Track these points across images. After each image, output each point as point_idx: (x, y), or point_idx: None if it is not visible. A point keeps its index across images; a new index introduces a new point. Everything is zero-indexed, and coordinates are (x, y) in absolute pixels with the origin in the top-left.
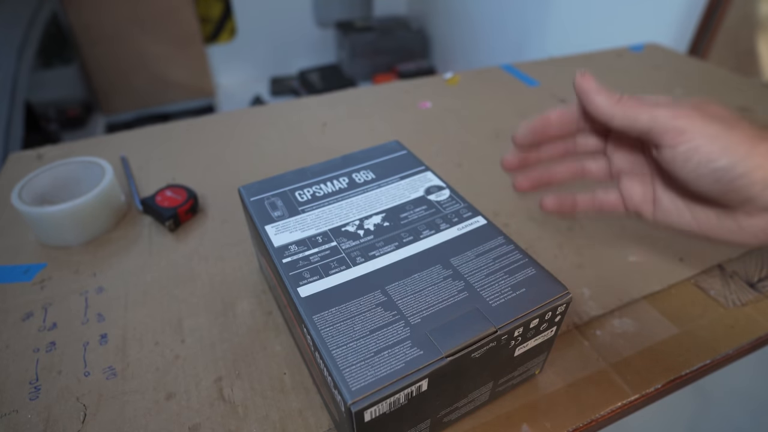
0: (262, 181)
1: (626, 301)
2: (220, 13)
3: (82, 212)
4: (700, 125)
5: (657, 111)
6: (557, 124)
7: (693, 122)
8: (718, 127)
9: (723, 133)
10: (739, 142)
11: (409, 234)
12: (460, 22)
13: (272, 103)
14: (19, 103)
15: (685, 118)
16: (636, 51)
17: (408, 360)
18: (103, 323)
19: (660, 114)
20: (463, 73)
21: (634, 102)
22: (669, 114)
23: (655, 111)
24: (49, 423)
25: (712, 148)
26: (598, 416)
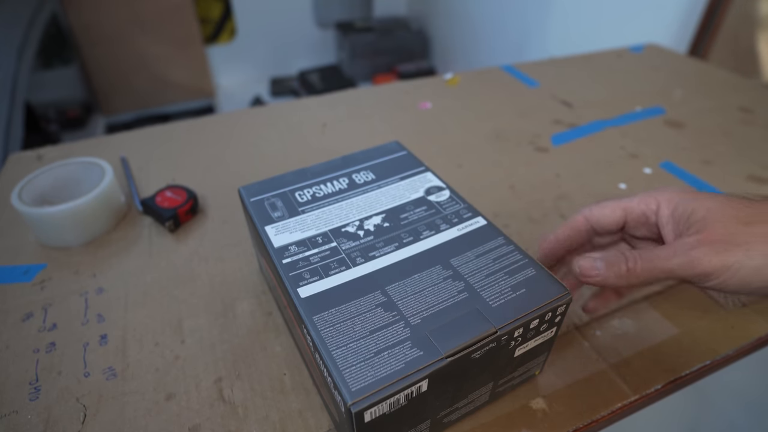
0: (262, 182)
1: (626, 301)
2: (220, 14)
3: (82, 213)
4: (716, 258)
5: (670, 265)
6: (566, 243)
7: (710, 260)
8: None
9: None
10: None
11: (409, 234)
12: (460, 23)
13: (272, 103)
14: (19, 104)
15: (701, 258)
16: (636, 51)
17: (408, 360)
18: (103, 324)
19: (676, 267)
20: (463, 74)
21: (643, 264)
22: (684, 263)
23: (668, 265)
24: (49, 423)
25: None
26: (598, 417)
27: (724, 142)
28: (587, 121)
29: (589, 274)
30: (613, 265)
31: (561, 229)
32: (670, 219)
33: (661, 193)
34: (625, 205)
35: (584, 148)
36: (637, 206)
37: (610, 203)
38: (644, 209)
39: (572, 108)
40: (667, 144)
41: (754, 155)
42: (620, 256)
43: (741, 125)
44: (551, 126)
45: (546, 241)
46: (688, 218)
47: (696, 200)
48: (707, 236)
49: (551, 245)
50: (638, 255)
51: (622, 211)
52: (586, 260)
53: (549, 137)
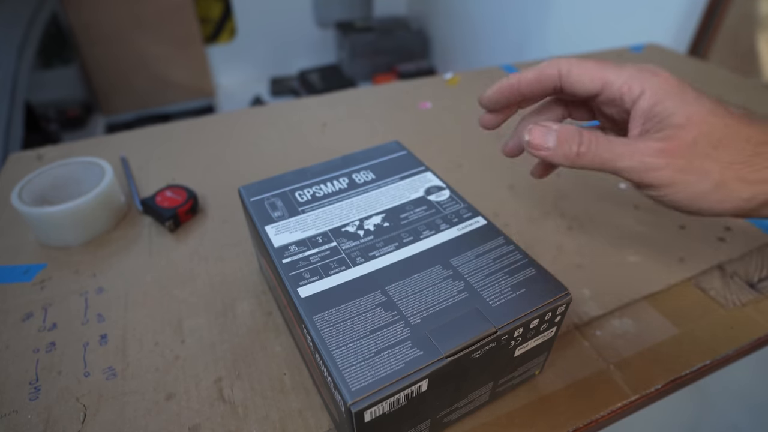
0: (262, 182)
1: (626, 301)
2: (220, 14)
3: (82, 212)
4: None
5: (621, 164)
6: (528, 89)
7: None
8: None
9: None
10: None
11: (409, 234)
12: (460, 23)
13: (272, 103)
14: (19, 104)
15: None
16: (636, 51)
17: (408, 360)
18: (103, 323)
19: (626, 169)
20: (463, 74)
21: (595, 152)
22: (635, 168)
23: (619, 164)
24: (49, 423)
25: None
26: (598, 417)
27: None
28: (587, 120)
29: (538, 146)
30: (564, 143)
31: (528, 73)
32: (645, 113)
33: (649, 80)
34: (608, 78)
35: None
36: (619, 87)
37: (592, 68)
38: (625, 92)
39: None
40: None
41: None
42: (575, 134)
43: None
44: None
45: (505, 83)
46: (662, 120)
47: (682, 103)
48: (671, 148)
49: (508, 89)
50: (594, 140)
51: (601, 84)
52: (539, 132)
53: None
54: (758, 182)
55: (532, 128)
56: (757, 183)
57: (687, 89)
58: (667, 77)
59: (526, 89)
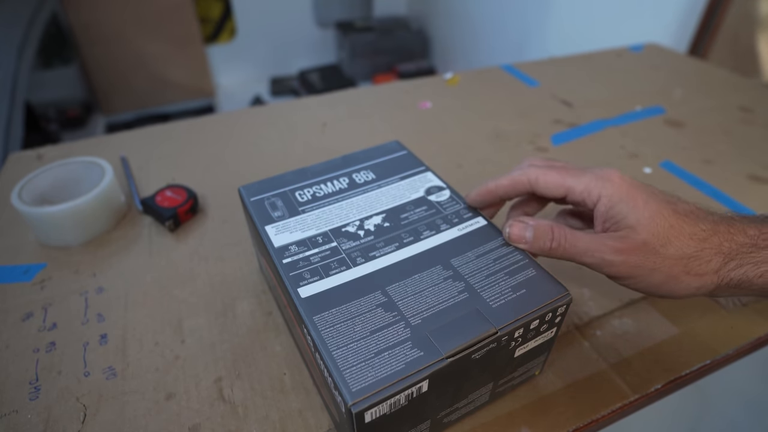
0: (262, 181)
1: (626, 301)
2: (220, 13)
3: (82, 212)
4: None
5: (586, 260)
6: (504, 192)
7: (619, 268)
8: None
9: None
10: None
11: (409, 234)
12: (460, 22)
13: (272, 103)
14: (19, 103)
15: (612, 263)
16: (636, 51)
17: (408, 361)
18: (103, 323)
19: (591, 263)
20: (463, 73)
21: (565, 248)
22: (598, 263)
23: (584, 260)
24: (49, 423)
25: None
26: (597, 417)
27: (725, 141)
28: (587, 120)
29: (517, 240)
30: (539, 239)
31: (503, 180)
32: (603, 215)
33: (605, 186)
34: (570, 186)
35: (584, 148)
36: (579, 193)
37: (555, 178)
38: (585, 197)
39: (572, 107)
40: (667, 143)
41: (755, 155)
42: (548, 231)
43: (741, 125)
44: (551, 125)
45: (484, 188)
46: (618, 221)
47: (632, 207)
48: (625, 247)
49: (488, 194)
50: (563, 236)
51: (564, 191)
52: (518, 227)
53: (549, 137)
54: (704, 274)
55: (512, 223)
56: (703, 275)
57: (637, 193)
58: (620, 183)
59: (502, 193)
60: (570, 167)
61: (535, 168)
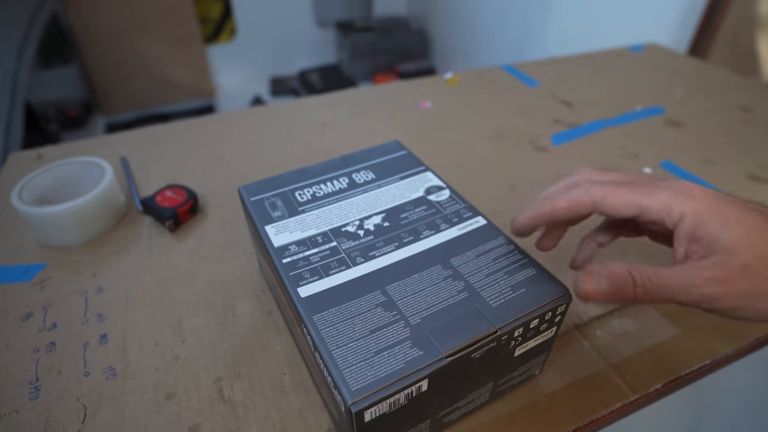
0: (262, 181)
1: None
2: (220, 13)
3: (82, 212)
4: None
5: (679, 298)
6: (563, 216)
7: (721, 301)
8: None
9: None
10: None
11: (409, 234)
12: (460, 22)
13: (272, 103)
14: (19, 103)
15: (713, 297)
16: (636, 51)
17: (408, 360)
18: (103, 323)
19: (686, 301)
20: (463, 73)
21: (652, 290)
22: (694, 299)
23: (678, 298)
24: (49, 423)
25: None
26: (597, 416)
27: (725, 141)
28: (587, 120)
29: (593, 296)
30: (619, 289)
31: (560, 203)
32: (688, 237)
33: (688, 204)
34: (644, 204)
35: (584, 148)
36: (657, 211)
37: (625, 196)
38: (664, 216)
39: (572, 107)
40: (667, 143)
41: (755, 155)
42: (627, 277)
43: (741, 125)
44: (551, 125)
45: (538, 212)
46: (708, 244)
47: (725, 226)
48: (725, 276)
49: (542, 219)
50: (647, 279)
51: (638, 210)
52: (590, 282)
53: (549, 137)
54: None
55: (580, 278)
56: None
57: (728, 210)
58: (705, 198)
59: (560, 216)
60: (638, 181)
61: (600, 186)
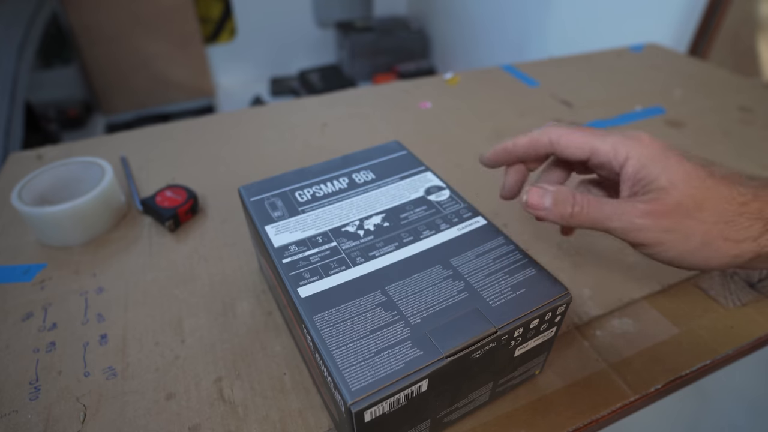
0: (262, 181)
1: (626, 301)
2: (220, 13)
3: (82, 212)
4: (655, 234)
5: (611, 224)
6: (523, 152)
7: (648, 234)
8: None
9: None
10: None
11: (409, 234)
12: (460, 22)
13: (272, 103)
14: (19, 103)
15: (641, 229)
16: (636, 51)
17: (408, 360)
18: (103, 323)
19: (616, 228)
20: (463, 73)
21: (587, 213)
22: (625, 228)
23: (609, 224)
24: (49, 423)
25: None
26: (597, 417)
27: (724, 141)
28: (587, 120)
29: (535, 206)
30: (559, 204)
31: (521, 139)
32: (631, 177)
33: (633, 146)
34: (595, 146)
35: None
36: (605, 153)
37: (579, 137)
38: (611, 158)
39: (572, 108)
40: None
41: (754, 155)
42: (569, 197)
43: (741, 125)
44: None
45: (501, 147)
46: (648, 183)
47: (664, 168)
48: (656, 209)
49: (504, 153)
50: (586, 202)
51: (589, 151)
52: (536, 193)
53: None
54: (742, 240)
55: (530, 189)
56: (741, 241)
57: (669, 154)
58: (649, 143)
59: (520, 152)
60: (594, 129)
61: (557, 127)
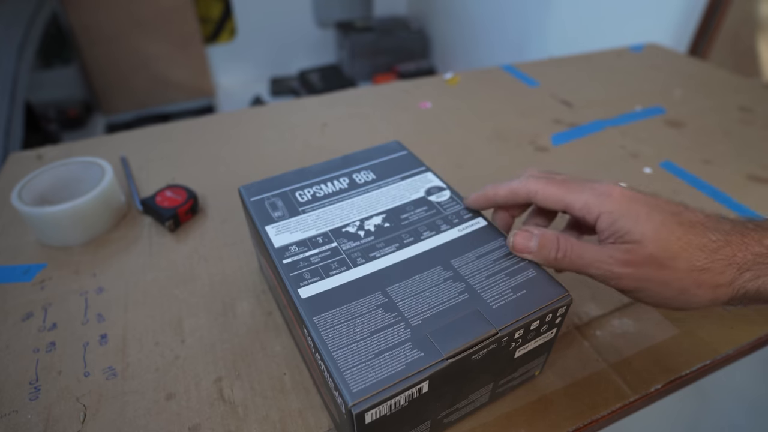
0: (262, 181)
1: (626, 301)
2: (220, 13)
3: (82, 212)
4: (633, 283)
5: (591, 271)
6: (503, 201)
7: (628, 283)
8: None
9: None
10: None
11: (409, 235)
12: (460, 22)
13: (272, 103)
14: (19, 103)
15: (620, 277)
16: (636, 51)
17: (409, 362)
18: (103, 323)
19: (596, 275)
20: (463, 73)
21: (570, 259)
22: (604, 275)
23: (590, 271)
24: (49, 423)
25: (651, 297)
26: (597, 417)
27: (724, 141)
28: (587, 120)
29: (521, 249)
30: (544, 248)
31: (501, 190)
32: (605, 230)
33: (604, 203)
34: (568, 202)
35: (584, 148)
36: (579, 210)
37: (554, 192)
38: (585, 214)
39: (572, 108)
40: (667, 143)
41: (754, 155)
42: (553, 241)
43: (741, 125)
44: (551, 126)
45: (482, 194)
46: (622, 236)
47: (635, 222)
48: (632, 260)
49: (485, 200)
50: (569, 247)
51: (563, 206)
52: (522, 236)
53: (549, 137)
54: (717, 286)
55: (517, 232)
56: (717, 287)
57: (639, 208)
58: (619, 198)
59: (501, 201)
60: (570, 181)
61: (535, 180)
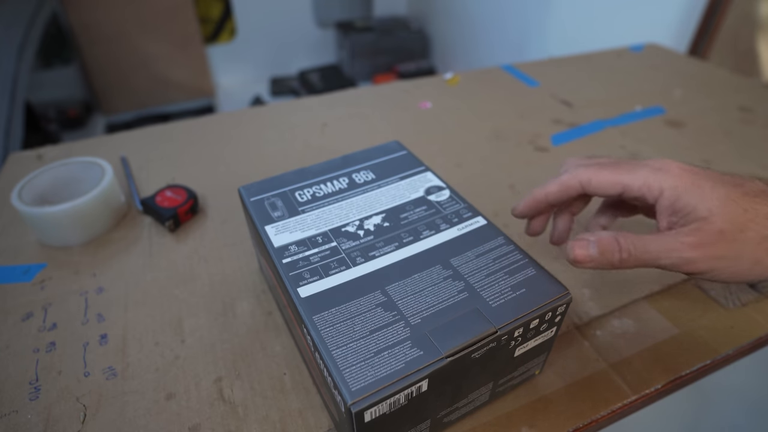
0: (262, 181)
1: (626, 301)
2: (220, 13)
3: (82, 212)
4: (706, 263)
5: (661, 262)
6: (555, 199)
7: (700, 264)
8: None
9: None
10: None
11: (409, 234)
12: (460, 22)
13: (272, 103)
14: (19, 103)
15: (692, 260)
16: (636, 51)
17: (408, 360)
18: (103, 323)
19: (667, 265)
20: (463, 73)
21: (636, 256)
22: (675, 263)
23: (659, 262)
24: (49, 423)
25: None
26: (597, 416)
27: (724, 141)
28: (587, 120)
29: (583, 261)
30: (606, 253)
31: (551, 187)
32: (668, 209)
33: (665, 178)
34: (626, 183)
35: (584, 148)
36: (638, 189)
37: (608, 175)
38: (645, 192)
39: (572, 107)
40: (667, 143)
41: (754, 155)
42: (614, 243)
43: (741, 125)
44: (551, 126)
45: (531, 198)
46: (686, 214)
47: (700, 197)
48: (702, 240)
49: (536, 204)
50: (632, 245)
51: (621, 188)
52: (580, 247)
53: (549, 137)
54: None
55: (572, 244)
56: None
57: (702, 181)
58: (680, 173)
59: (553, 200)
60: (622, 162)
61: (584, 168)
